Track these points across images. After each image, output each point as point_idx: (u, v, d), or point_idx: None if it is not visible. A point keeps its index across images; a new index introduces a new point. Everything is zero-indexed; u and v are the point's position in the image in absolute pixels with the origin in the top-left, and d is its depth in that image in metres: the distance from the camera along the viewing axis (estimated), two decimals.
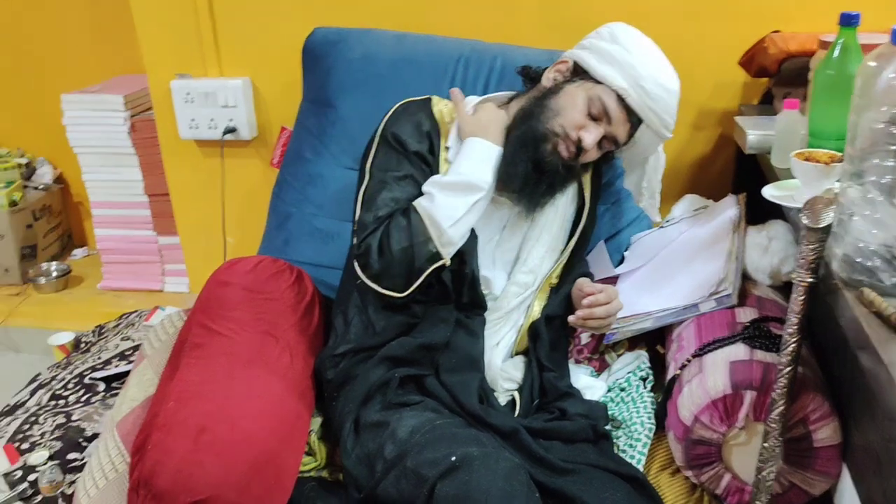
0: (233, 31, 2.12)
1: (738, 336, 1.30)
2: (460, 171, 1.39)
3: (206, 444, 1.21)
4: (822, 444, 1.18)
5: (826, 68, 1.37)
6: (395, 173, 1.44)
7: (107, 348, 2.20)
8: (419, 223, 1.36)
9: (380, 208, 1.41)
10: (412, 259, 1.36)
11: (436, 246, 1.36)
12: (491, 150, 1.41)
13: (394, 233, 1.37)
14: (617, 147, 1.47)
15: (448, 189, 1.38)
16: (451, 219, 1.36)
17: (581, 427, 1.34)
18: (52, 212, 2.97)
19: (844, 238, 1.06)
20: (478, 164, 1.40)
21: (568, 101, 1.41)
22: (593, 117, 1.41)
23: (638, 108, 1.41)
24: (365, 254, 1.39)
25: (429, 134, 1.47)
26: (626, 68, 1.40)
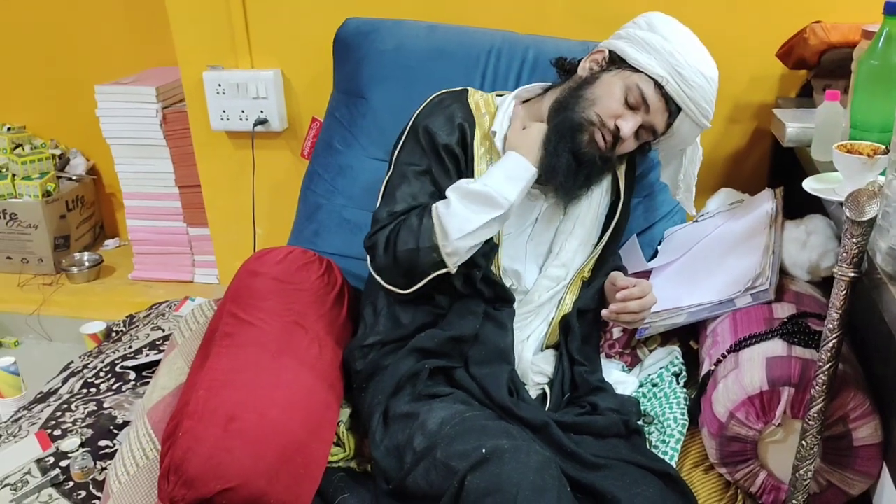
0: (264, 22, 2.12)
1: (775, 332, 1.27)
2: (486, 182, 1.36)
3: (236, 433, 1.22)
4: (863, 443, 1.15)
5: (870, 58, 1.34)
6: (416, 167, 1.43)
7: (137, 338, 2.22)
8: (430, 228, 1.35)
9: (397, 203, 1.41)
10: (416, 262, 1.36)
11: (441, 254, 1.34)
12: (526, 170, 1.37)
13: (403, 233, 1.37)
14: (655, 137, 1.44)
15: (467, 198, 1.35)
16: (461, 231, 1.33)
17: (612, 422, 1.33)
18: (85, 202, 3.00)
19: (889, 231, 1.03)
20: (507, 181, 1.36)
21: (604, 91, 1.38)
22: (631, 106, 1.38)
23: (676, 95, 1.38)
24: (372, 248, 1.41)
25: (461, 125, 1.45)
26: (665, 56, 1.37)
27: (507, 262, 1.47)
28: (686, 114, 1.41)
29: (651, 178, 1.73)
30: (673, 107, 1.39)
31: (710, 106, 1.42)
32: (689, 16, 1.85)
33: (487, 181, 1.36)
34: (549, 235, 1.51)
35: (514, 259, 1.48)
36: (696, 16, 1.88)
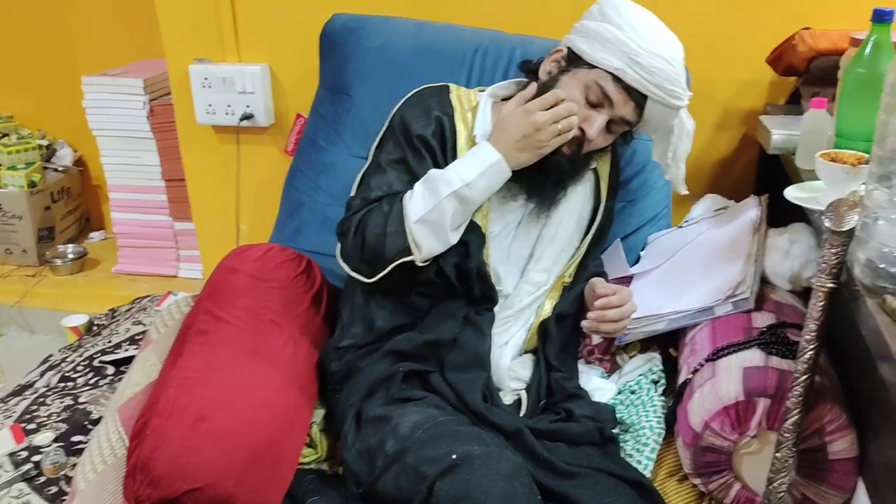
0: (252, 16, 2.10)
1: (753, 341, 1.26)
2: (448, 167, 1.34)
3: (205, 432, 1.20)
4: (838, 456, 1.14)
5: (856, 66, 1.32)
6: (390, 156, 1.42)
7: (117, 332, 2.20)
8: (399, 212, 1.33)
9: (372, 190, 1.39)
10: (382, 247, 1.33)
11: (407, 240, 1.32)
12: (490, 155, 1.32)
13: (373, 217, 1.35)
14: (630, 127, 1.40)
15: (427, 181, 1.33)
16: (417, 214, 1.31)
17: (587, 429, 1.31)
18: (71, 194, 2.98)
19: (868, 242, 1.02)
20: (468, 164, 1.33)
21: (564, 94, 1.33)
22: (593, 104, 1.35)
23: (637, 85, 1.32)
24: (344, 233, 1.39)
25: (438, 118, 1.43)
26: (619, 46, 1.32)
27: (492, 263, 1.45)
28: (652, 100, 1.35)
29: (636, 182, 1.71)
30: (637, 96, 1.34)
31: (678, 86, 1.36)
32: (679, 20, 1.82)
33: (450, 165, 1.35)
34: (530, 239, 1.49)
35: (497, 261, 1.46)
36: (686, 20, 1.86)
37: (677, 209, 1.86)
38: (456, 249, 1.37)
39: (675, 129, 1.44)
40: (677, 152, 1.46)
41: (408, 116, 1.43)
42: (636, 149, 1.70)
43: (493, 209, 1.42)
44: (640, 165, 1.71)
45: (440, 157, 1.41)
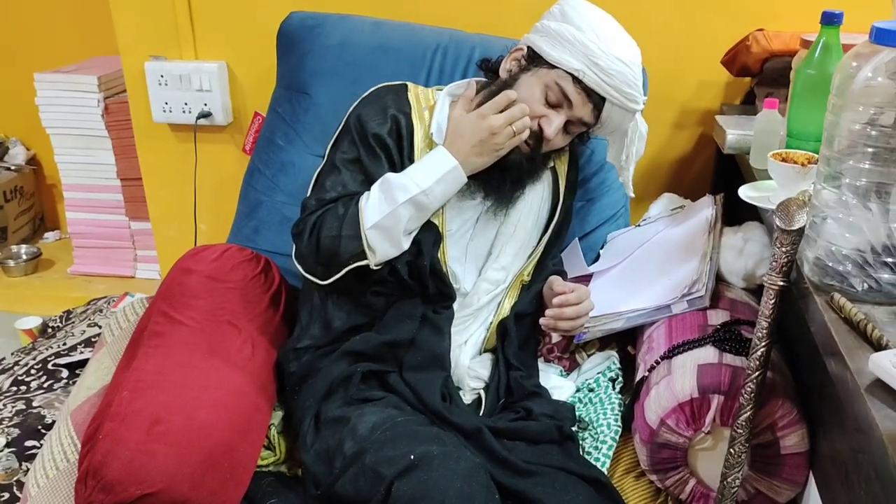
0: (209, 12, 2.07)
1: (708, 339, 1.27)
2: (404, 172, 1.34)
3: (160, 435, 1.18)
4: (790, 451, 1.16)
5: (807, 68, 1.35)
6: (345, 156, 1.41)
7: (73, 334, 2.16)
8: (354, 216, 1.32)
9: (326, 191, 1.39)
10: (337, 250, 1.33)
11: (362, 245, 1.32)
12: (446, 161, 1.33)
13: (328, 219, 1.34)
14: (588, 128, 1.41)
15: (382, 186, 1.33)
16: (372, 219, 1.31)
17: (546, 427, 1.32)
18: (24, 193, 2.91)
19: (817, 241, 1.04)
20: (424, 169, 1.33)
21: (524, 93, 1.34)
22: (552, 104, 1.36)
23: (597, 87, 1.33)
24: (300, 234, 1.38)
25: (394, 116, 1.42)
26: (579, 48, 1.32)
27: (449, 261, 1.45)
28: (611, 102, 1.36)
29: (595, 181, 1.72)
30: (596, 98, 1.35)
31: (634, 90, 1.37)
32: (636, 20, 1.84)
33: (406, 171, 1.34)
34: (488, 237, 1.49)
35: (454, 259, 1.46)
36: (643, 20, 1.89)
37: (636, 208, 1.88)
38: (409, 248, 1.36)
39: (629, 132, 1.45)
40: (630, 155, 1.47)
41: (364, 115, 1.42)
42: (594, 148, 1.72)
43: (449, 207, 1.42)
44: (598, 164, 1.72)
45: (396, 156, 1.40)
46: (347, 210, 1.33)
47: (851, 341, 0.92)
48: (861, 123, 0.98)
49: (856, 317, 0.94)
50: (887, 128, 0.96)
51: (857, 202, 0.99)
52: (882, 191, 0.98)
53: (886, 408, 0.80)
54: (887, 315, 0.96)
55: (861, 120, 0.97)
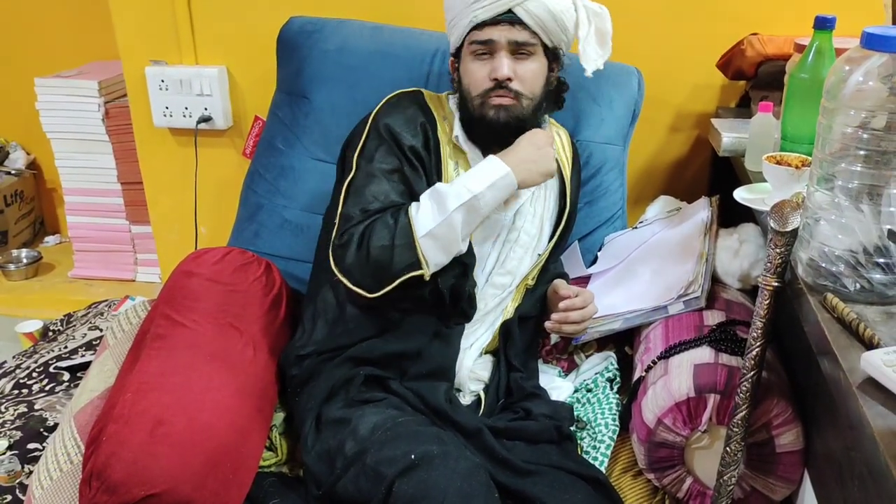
0: (210, 18, 2.09)
1: (703, 339, 1.29)
2: (453, 182, 1.35)
3: (163, 437, 1.19)
4: (785, 449, 1.17)
5: (800, 72, 1.37)
6: (385, 166, 1.39)
7: (74, 337, 2.17)
8: (406, 225, 1.30)
9: (369, 202, 1.36)
10: (390, 260, 1.30)
11: (417, 254, 1.30)
12: (499, 168, 1.34)
13: (378, 228, 1.31)
14: (533, 43, 1.38)
15: (431, 196, 1.33)
16: (424, 228, 1.30)
17: (545, 427, 1.33)
18: (25, 198, 2.92)
19: (810, 242, 1.06)
20: (476, 176, 1.34)
21: (466, 75, 1.41)
22: (488, 57, 1.38)
23: (491, 12, 1.35)
24: (345, 245, 1.33)
25: (423, 126, 1.43)
26: (458, 8, 1.38)
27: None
28: (516, 9, 1.35)
29: (592, 184, 1.74)
30: (502, 17, 1.35)
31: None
32: (634, 24, 1.87)
33: (455, 181, 1.35)
34: (497, 245, 1.50)
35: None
36: (639, 25, 1.92)
37: (632, 210, 1.90)
38: (452, 270, 1.36)
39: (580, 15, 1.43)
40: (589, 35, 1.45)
41: (395, 126, 1.41)
42: (592, 151, 1.74)
43: (476, 233, 1.43)
44: (595, 168, 1.74)
45: (429, 166, 1.42)
46: (398, 220, 1.31)
47: (844, 340, 0.93)
48: (853, 127, 0.99)
49: (848, 316, 0.95)
50: (878, 131, 0.98)
51: (849, 204, 1.01)
52: (873, 193, 1.00)
53: (878, 405, 0.81)
54: (879, 314, 0.98)
55: (853, 123, 0.99)
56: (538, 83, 1.40)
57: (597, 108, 1.74)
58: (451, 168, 1.43)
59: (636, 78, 1.78)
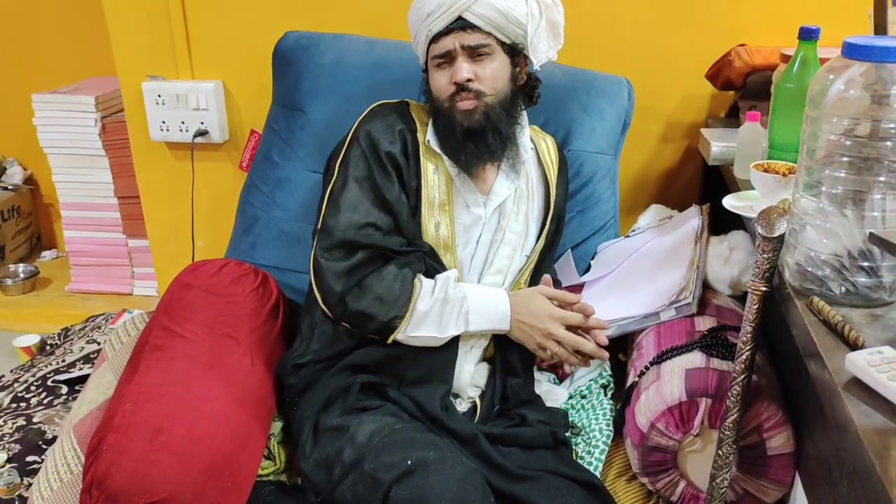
0: (205, 33, 2.11)
1: (695, 344, 1.31)
2: (466, 301, 1.41)
3: (163, 445, 1.20)
4: (776, 452, 1.19)
5: (786, 81, 1.39)
6: (357, 173, 1.43)
7: (71, 351, 2.19)
8: (408, 299, 1.38)
9: (341, 212, 1.41)
10: (368, 325, 1.39)
11: (395, 337, 1.38)
12: (504, 319, 1.43)
13: (375, 288, 1.38)
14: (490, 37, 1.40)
15: (440, 308, 1.40)
16: (415, 331, 1.39)
17: (540, 433, 1.35)
18: (22, 213, 2.94)
19: (797, 248, 1.08)
20: (482, 315, 1.42)
21: (433, 85, 1.45)
22: (449, 64, 1.42)
23: (443, 21, 1.39)
24: (333, 262, 1.39)
25: (402, 132, 1.47)
26: (417, 19, 1.44)
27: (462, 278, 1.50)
28: (465, 14, 1.38)
29: (583, 193, 1.76)
30: (456, 25, 1.39)
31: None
32: (624, 36, 1.91)
33: (468, 305, 1.41)
34: (485, 247, 1.53)
35: (460, 273, 1.50)
36: (629, 37, 1.95)
37: (626, 219, 1.93)
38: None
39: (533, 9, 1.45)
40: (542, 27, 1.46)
41: (374, 131, 1.45)
42: (584, 161, 1.76)
43: (458, 235, 1.48)
44: (587, 177, 1.76)
45: (406, 174, 1.45)
46: (402, 283, 1.39)
47: (830, 342, 0.95)
48: (836, 134, 1.02)
49: (834, 319, 0.97)
50: (862, 138, 1.00)
51: (833, 209, 1.03)
52: (857, 198, 1.02)
53: (862, 404, 0.83)
54: (864, 317, 1.00)
55: (837, 131, 1.01)
56: (501, 80, 1.43)
57: (587, 118, 1.76)
58: (430, 171, 1.47)
59: (626, 88, 1.80)
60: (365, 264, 1.40)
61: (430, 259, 1.45)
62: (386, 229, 1.42)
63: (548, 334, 1.42)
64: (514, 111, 1.46)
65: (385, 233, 1.42)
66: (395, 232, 1.43)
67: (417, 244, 1.44)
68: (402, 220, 1.43)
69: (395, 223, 1.43)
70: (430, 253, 1.45)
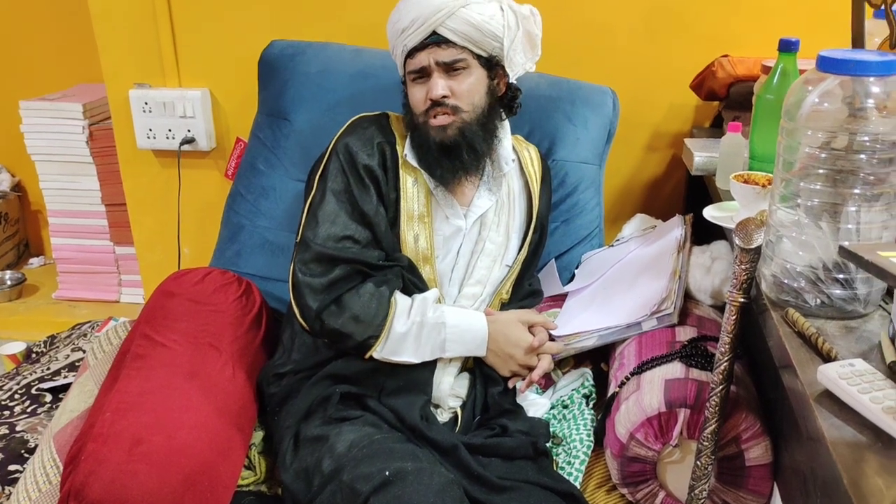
0: (193, 41, 2.12)
1: (675, 354, 1.31)
2: (444, 326, 1.42)
3: (142, 455, 1.20)
4: (754, 463, 1.19)
5: (766, 93, 1.40)
6: (335, 186, 1.44)
7: (57, 359, 2.17)
8: (384, 318, 1.39)
9: (319, 224, 1.41)
10: (345, 343, 1.39)
11: (370, 346, 1.39)
12: (479, 346, 1.46)
13: (353, 308, 1.38)
14: (463, 57, 1.40)
15: (417, 332, 1.41)
16: (391, 353, 1.40)
17: (521, 444, 1.35)
18: (9, 219, 2.93)
19: (773, 259, 1.08)
20: (460, 342, 1.44)
21: (410, 99, 1.46)
22: (425, 79, 1.42)
23: (417, 38, 1.40)
24: (310, 277, 1.39)
25: (380, 145, 1.47)
26: (394, 34, 1.45)
27: (440, 288, 1.51)
28: (439, 29, 1.39)
29: (568, 203, 1.76)
30: (429, 42, 1.40)
31: (434, 7, 1.38)
32: (609, 48, 1.92)
33: (446, 329, 1.42)
34: (465, 257, 1.53)
35: (443, 286, 1.51)
36: (614, 48, 1.96)
37: (611, 228, 1.93)
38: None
39: (509, 20, 1.44)
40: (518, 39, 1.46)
41: (352, 144, 1.46)
42: (568, 170, 1.76)
43: (438, 247, 1.48)
44: (572, 187, 1.76)
45: (384, 187, 1.45)
46: (379, 300, 1.39)
47: (804, 354, 0.96)
48: (812, 147, 1.02)
49: (808, 331, 0.98)
50: (838, 150, 1.01)
51: (809, 221, 1.03)
52: (833, 210, 1.03)
53: (833, 417, 0.84)
54: (839, 329, 1.01)
55: (814, 143, 1.02)
56: (478, 94, 1.43)
57: (572, 127, 1.77)
58: (409, 183, 1.48)
59: (611, 98, 1.81)
60: (342, 281, 1.40)
61: (408, 273, 1.45)
62: (364, 242, 1.42)
63: (522, 365, 1.47)
64: (492, 124, 1.47)
65: (363, 246, 1.42)
66: (373, 244, 1.43)
67: (396, 258, 1.45)
68: (379, 232, 1.43)
69: (372, 236, 1.43)
70: (408, 267, 1.45)
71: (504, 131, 1.52)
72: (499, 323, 1.46)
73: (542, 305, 1.68)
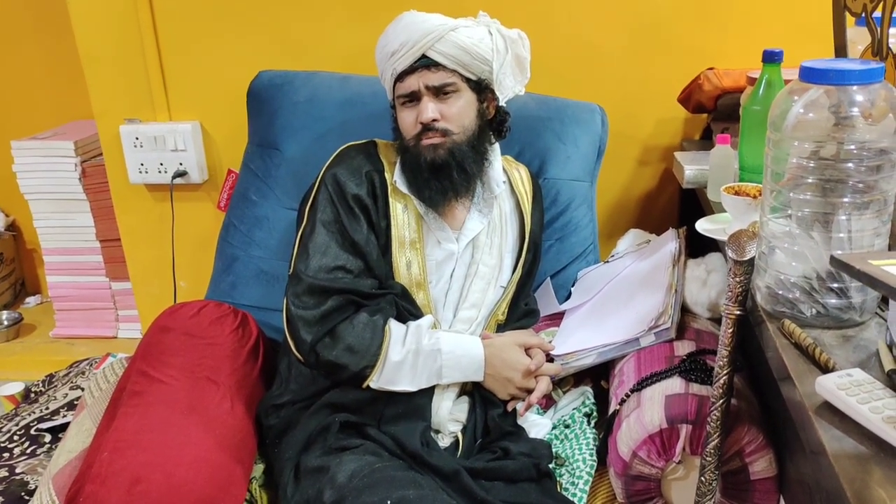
0: (181, 74, 2.12)
1: (674, 369, 1.30)
2: (440, 354, 1.42)
3: (141, 494, 1.19)
4: (759, 476, 1.18)
5: (752, 104, 1.41)
6: (325, 217, 1.44)
7: (55, 398, 2.16)
8: (378, 347, 1.38)
9: (310, 256, 1.41)
10: (340, 374, 1.39)
11: (370, 372, 1.38)
12: (477, 371, 1.45)
13: (347, 339, 1.38)
14: (454, 77, 1.42)
15: (413, 360, 1.40)
16: (387, 382, 1.39)
17: (524, 466, 1.33)
18: (4, 259, 2.92)
19: (767, 271, 1.08)
20: (456, 368, 1.44)
21: (400, 123, 1.47)
22: (415, 103, 1.43)
23: (406, 62, 1.40)
24: (304, 310, 1.39)
25: (369, 174, 1.48)
26: (383, 58, 1.45)
27: (435, 313, 1.50)
28: (428, 53, 1.40)
29: (561, 221, 1.76)
30: (420, 64, 1.41)
31: (419, 29, 1.40)
32: (596, 63, 1.92)
33: (443, 357, 1.42)
34: (459, 281, 1.53)
35: (437, 311, 1.50)
36: (602, 64, 1.97)
37: (606, 245, 1.93)
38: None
39: (498, 44, 1.45)
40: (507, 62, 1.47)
41: (340, 175, 1.46)
42: (560, 189, 1.77)
43: (431, 272, 1.48)
44: (564, 205, 1.77)
45: (374, 216, 1.46)
46: (374, 332, 1.38)
47: (801, 366, 0.95)
48: (800, 157, 1.02)
49: (805, 341, 0.97)
50: (827, 160, 1.01)
51: (801, 232, 1.03)
52: (824, 220, 1.03)
53: (833, 428, 0.83)
54: (836, 338, 1.00)
55: (802, 154, 1.02)
56: (468, 117, 1.44)
57: (562, 146, 1.77)
58: (399, 210, 1.48)
59: (599, 115, 1.82)
60: (336, 312, 1.39)
61: (402, 301, 1.44)
62: (356, 272, 1.42)
63: (521, 388, 1.46)
64: (482, 147, 1.47)
65: (355, 275, 1.42)
66: (365, 273, 1.43)
67: (389, 285, 1.44)
68: (371, 261, 1.43)
69: (364, 264, 1.43)
70: (402, 294, 1.45)
71: (494, 154, 1.52)
72: (495, 347, 1.45)
73: (539, 324, 1.67)
